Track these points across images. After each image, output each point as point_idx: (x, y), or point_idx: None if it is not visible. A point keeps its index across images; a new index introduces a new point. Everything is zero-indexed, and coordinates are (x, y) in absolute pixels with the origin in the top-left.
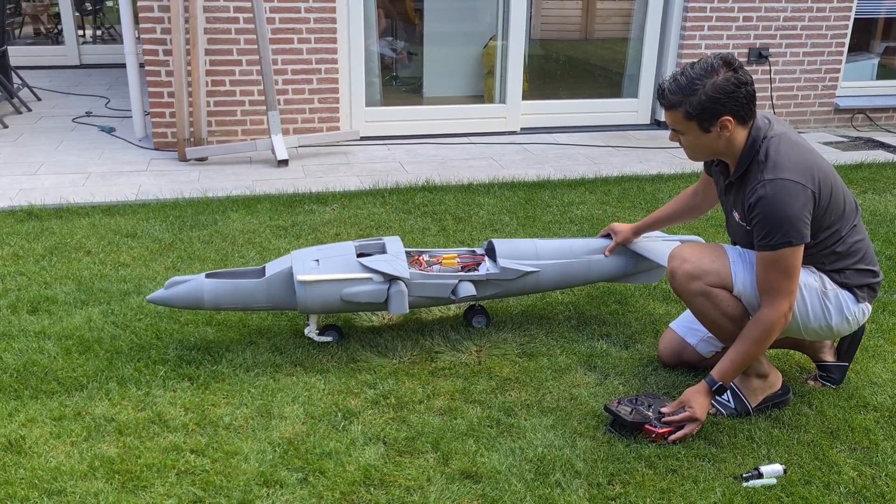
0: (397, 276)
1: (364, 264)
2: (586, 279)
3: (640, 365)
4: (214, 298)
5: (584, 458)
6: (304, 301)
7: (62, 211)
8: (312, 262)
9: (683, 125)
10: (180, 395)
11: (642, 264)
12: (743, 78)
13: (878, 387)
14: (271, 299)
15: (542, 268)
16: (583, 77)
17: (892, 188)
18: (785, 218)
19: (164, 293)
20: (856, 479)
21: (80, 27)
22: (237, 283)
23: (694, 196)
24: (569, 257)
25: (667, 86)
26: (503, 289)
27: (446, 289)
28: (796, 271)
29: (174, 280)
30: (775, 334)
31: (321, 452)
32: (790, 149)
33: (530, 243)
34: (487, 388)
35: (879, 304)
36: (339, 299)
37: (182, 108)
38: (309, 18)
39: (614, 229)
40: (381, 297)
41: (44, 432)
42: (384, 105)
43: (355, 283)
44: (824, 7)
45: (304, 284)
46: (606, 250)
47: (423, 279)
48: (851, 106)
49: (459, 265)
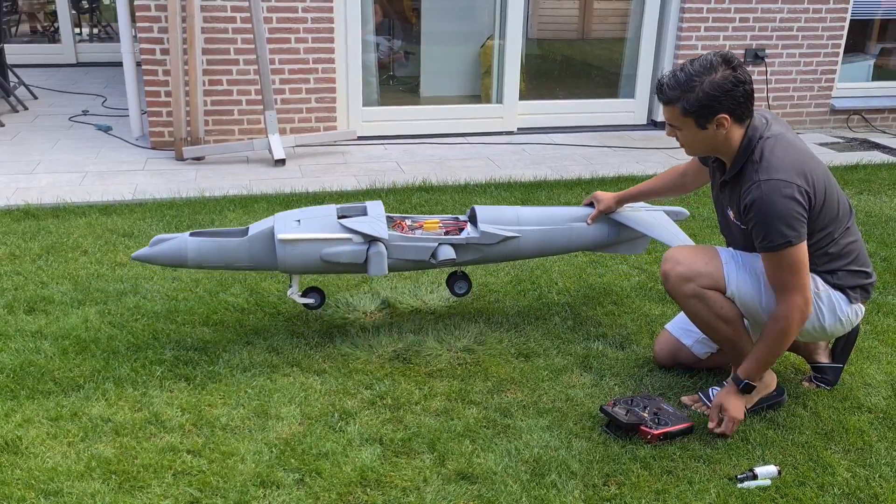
0: (376, 237)
1: (344, 225)
2: (568, 247)
3: (636, 366)
4: (198, 256)
5: (579, 458)
6: (284, 260)
7: (59, 210)
8: (293, 223)
9: (680, 121)
10: (177, 395)
11: (625, 233)
12: (741, 77)
13: (872, 388)
14: (253, 258)
15: (523, 233)
16: (580, 77)
17: (888, 189)
18: (780, 219)
19: (149, 250)
20: (850, 480)
21: (77, 25)
22: (220, 242)
23: (682, 176)
24: (550, 224)
25: (665, 81)
26: (483, 254)
27: (426, 252)
28: (803, 266)
29: (159, 238)
30: (793, 328)
31: (318, 453)
32: (785, 150)
33: (512, 210)
34: (484, 389)
35: (874, 306)
36: (318, 259)
37: (179, 107)
38: (306, 18)
39: (597, 197)
40: (361, 258)
41: (40, 432)
42: (381, 105)
43: (335, 243)
44: (820, 8)
45: (284, 243)
46: (589, 218)
47: (403, 241)
48: (847, 107)
49: (442, 230)
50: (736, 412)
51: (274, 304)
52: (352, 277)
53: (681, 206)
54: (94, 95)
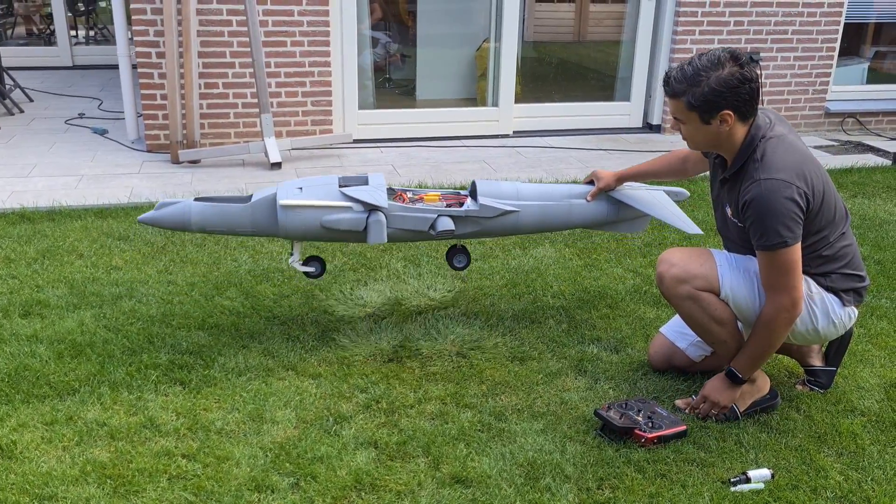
0: (376, 206)
1: (345, 193)
2: (566, 223)
3: (631, 369)
4: (201, 220)
5: (573, 462)
6: (285, 225)
7: (54, 213)
8: (296, 190)
9: (685, 115)
10: (172, 399)
11: (624, 212)
12: (748, 75)
13: (865, 391)
14: (255, 224)
15: (522, 208)
16: (575, 80)
17: (882, 192)
18: (778, 219)
19: (154, 213)
20: (842, 483)
21: (73, 28)
22: (223, 207)
23: (684, 161)
24: (549, 200)
25: (673, 74)
26: (482, 227)
27: (425, 222)
28: (795, 267)
29: (164, 202)
30: (779, 327)
31: (312, 457)
32: (787, 151)
33: (512, 185)
34: (479, 393)
35: (867, 309)
36: (319, 226)
37: (175, 110)
38: (302, 21)
39: (598, 175)
40: (360, 226)
41: (35, 437)
42: (377, 108)
43: (335, 210)
44: (815, 12)
45: (285, 209)
46: (588, 195)
47: (403, 212)
48: (842, 110)
49: (442, 202)
50: (715, 395)
51: (269, 308)
52: (351, 272)
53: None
54: (91, 98)
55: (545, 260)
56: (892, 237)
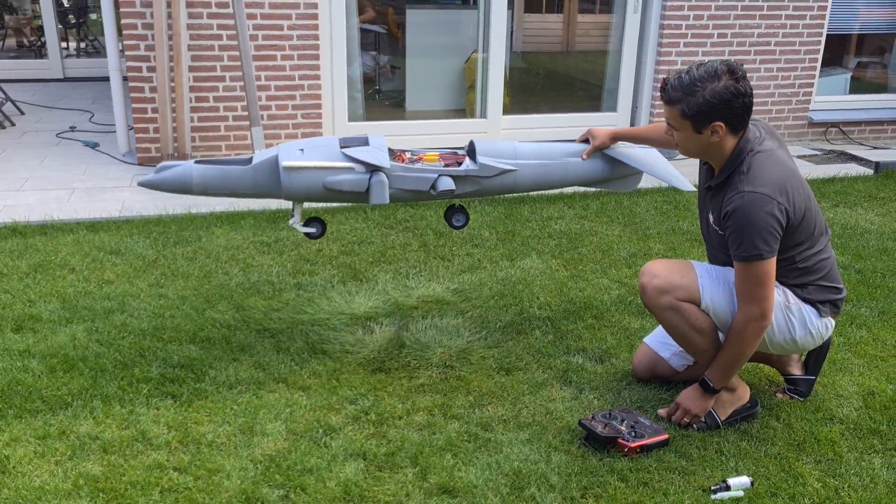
0: (378, 167)
1: (347, 154)
2: (563, 181)
3: (615, 379)
4: (202, 182)
5: (558, 472)
6: (288, 187)
7: (46, 227)
8: (297, 152)
9: (678, 122)
10: (164, 412)
11: (618, 170)
12: (742, 89)
13: (844, 399)
14: (257, 186)
15: (520, 167)
16: (563, 90)
17: (863, 202)
18: (756, 232)
19: (155, 176)
20: (820, 490)
21: (64, 40)
22: (225, 169)
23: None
24: (547, 159)
25: (670, 82)
26: (481, 186)
27: (426, 182)
28: (768, 279)
29: (164, 164)
30: (749, 337)
31: (302, 469)
32: (773, 167)
33: (510, 144)
34: (466, 404)
35: (847, 318)
36: (321, 187)
37: (166, 123)
38: (292, 36)
39: (593, 133)
40: (363, 187)
41: (28, 451)
42: (367, 119)
43: (338, 171)
44: (797, 24)
45: (288, 170)
46: (584, 153)
47: (404, 172)
48: (825, 120)
49: (441, 162)
50: (688, 403)
51: (260, 321)
52: (340, 284)
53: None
54: (82, 111)
55: (532, 271)
56: (873, 246)
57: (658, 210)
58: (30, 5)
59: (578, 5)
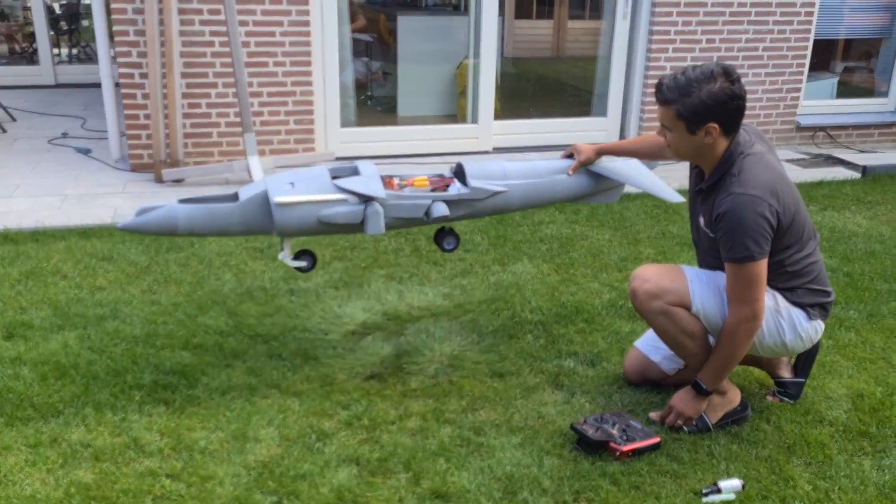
0: (373, 197)
1: (340, 186)
2: (552, 198)
3: (606, 383)
4: (189, 223)
5: (550, 475)
6: (281, 223)
7: (38, 234)
8: (287, 186)
9: (672, 122)
10: (156, 419)
11: (602, 183)
12: (738, 91)
13: (833, 401)
14: (246, 223)
15: (511, 187)
16: (553, 96)
17: (851, 205)
18: (748, 233)
19: (137, 220)
20: (810, 492)
21: (56, 46)
22: (212, 208)
23: (663, 148)
24: (535, 177)
25: (665, 83)
26: (474, 209)
27: (420, 209)
28: (759, 281)
29: (145, 206)
30: (741, 338)
31: (295, 475)
32: (764, 169)
33: (498, 164)
34: (458, 408)
35: (836, 321)
36: (316, 221)
37: (158, 130)
38: (284, 42)
39: (577, 149)
40: (358, 218)
41: (19, 460)
42: (359, 125)
43: (332, 204)
44: (785, 29)
45: (281, 207)
46: (570, 170)
47: (398, 200)
48: (812, 124)
49: (430, 186)
50: (681, 406)
51: (253, 327)
52: (333, 290)
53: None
54: (74, 117)
55: (523, 275)
56: (861, 249)
57: (648, 214)
58: (21, 12)
59: (568, 11)
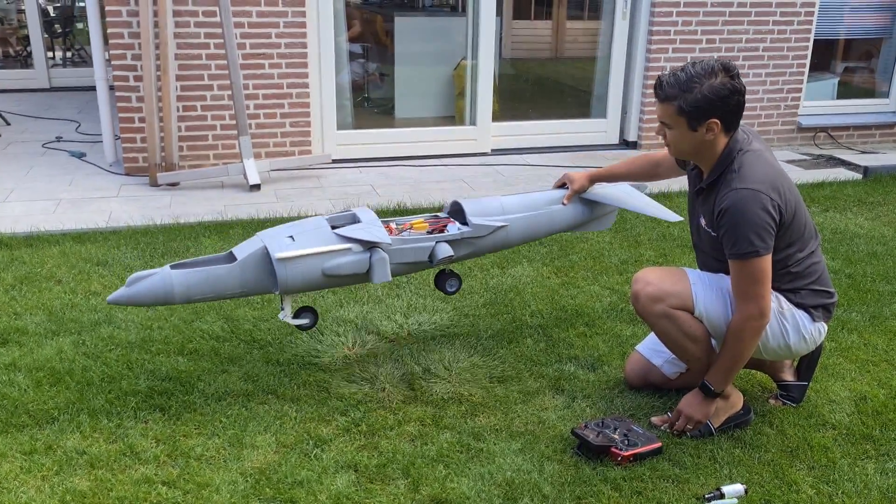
0: (377, 243)
1: (343, 235)
2: (550, 230)
3: (607, 387)
4: (185, 290)
5: (551, 481)
6: (285, 280)
7: (32, 239)
8: (287, 240)
9: (673, 119)
10: (152, 426)
11: (597, 210)
12: (738, 87)
13: (836, 405)
14: (245, 284)
15: (511, 222)
16: (552, 97)
17: (853, 206)
18: (751, 228)
19: (128, 291)
20: (814, 497)
21: (50, 49)
22: (209, 271)
23: (656, 165)
24: (532, 209)
25: (665, 79)
26: (476, 247)
27: (424, 252)
28: (765, 277)
29: (137, 276)
30: (748, 336)
31: (293, 481)
32: (763, 166)
33: (496, 200)
34: (458, 414)
35: (838, 323)
36: (320, 274)
37: (153, 133)
38: (280, 44)
39: (570, 177)
40: (364, 268)
41: (14, 467)
42: (356, 128)
43: (336, 254)
44: (785, 29)
45: (283, 262)
46: (564, 198)
47: (402, 244)
48: (813, 124)
49: (429, 228)
50: (689, 410)
51: (249, 332)
52: (331, 294)
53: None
54: (68, 121)
55: (523, 279)
56: (863, 251)
57: (648, 216)
58: (15, 15)
59: (567, 12)
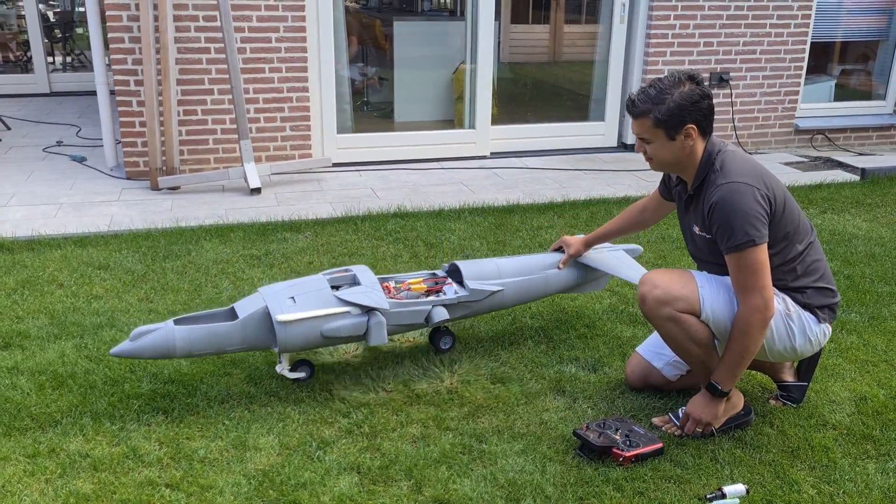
0: (377, 308)
1: (342, 298)
2: (544, 292)
3: (608, 389)
4: (187, 346)
5: (553, 482)
6: (285, 340)
7: (34, 243)
8: (288, 301)
9: (651, 133)
10: (155, 428)
11: (591, 274)
12: (706, 91)
13: (836, 405)
14: (246, 341)
15: (506, 286)
16: (551, 100)
17: (850, 207)
18: (743, 218)
19: (132, 346)
20: (815, 497)
21: (50, 54)
22: (211, 328)
23: (641, 213)
24: (528, 273)
25: (636, 97)
26: (471, 310)
27: (421, 315)
28: (764, 267)
29: (140, 330)
30: (754, 329)
31: (296, 483)
32: (744, 161)
33: (492, 263)
34: (460, 415)
35: (838, 323)
36: (319, 336)
37: (154, 137)
38: (280, 48)
39: (566, 242)
40: (361, 330)
41: (17, 470)
42: (356, 131)
43: (335, 317)
44: (782, 32)
45: (284, 325)
46: (560, 263)
47: (400, 307)
48: (811, 127)
49: (426, 288)
50: (698, 412)
51: None
52: None
53: (636, 243)
54: (69, 125)
55: None
56: (861, 252)
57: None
58: (15, 20)
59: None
